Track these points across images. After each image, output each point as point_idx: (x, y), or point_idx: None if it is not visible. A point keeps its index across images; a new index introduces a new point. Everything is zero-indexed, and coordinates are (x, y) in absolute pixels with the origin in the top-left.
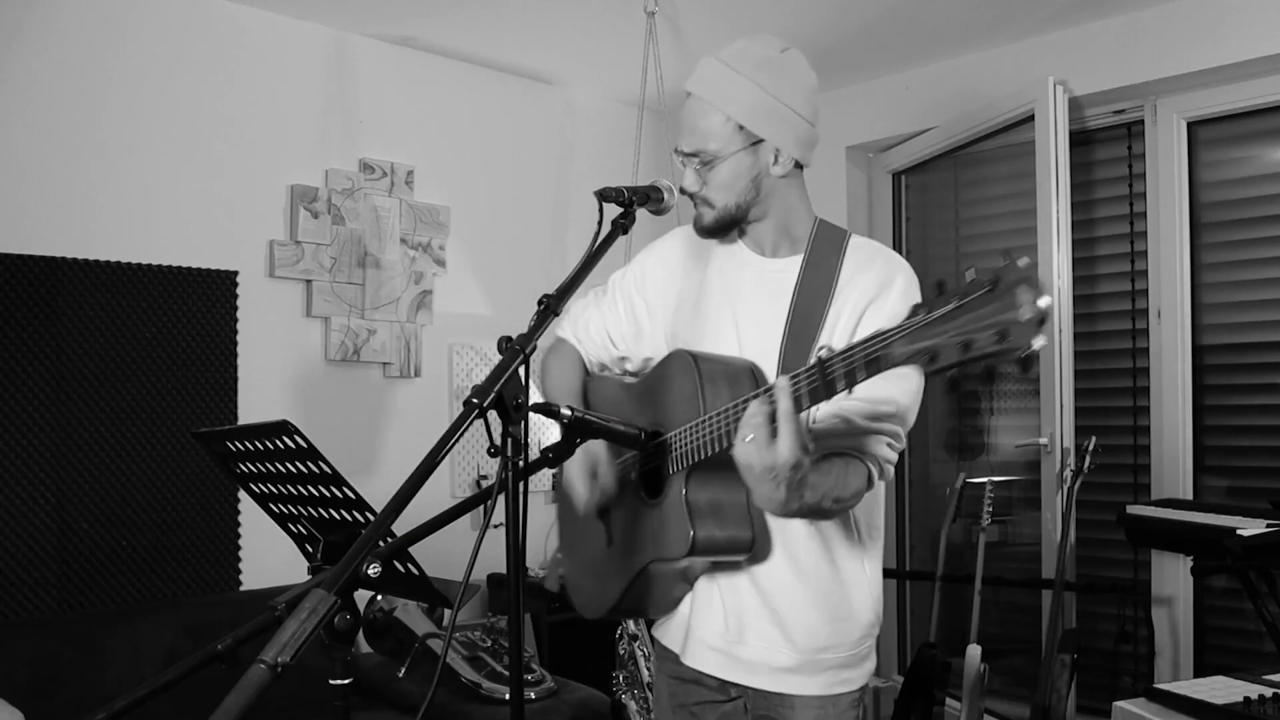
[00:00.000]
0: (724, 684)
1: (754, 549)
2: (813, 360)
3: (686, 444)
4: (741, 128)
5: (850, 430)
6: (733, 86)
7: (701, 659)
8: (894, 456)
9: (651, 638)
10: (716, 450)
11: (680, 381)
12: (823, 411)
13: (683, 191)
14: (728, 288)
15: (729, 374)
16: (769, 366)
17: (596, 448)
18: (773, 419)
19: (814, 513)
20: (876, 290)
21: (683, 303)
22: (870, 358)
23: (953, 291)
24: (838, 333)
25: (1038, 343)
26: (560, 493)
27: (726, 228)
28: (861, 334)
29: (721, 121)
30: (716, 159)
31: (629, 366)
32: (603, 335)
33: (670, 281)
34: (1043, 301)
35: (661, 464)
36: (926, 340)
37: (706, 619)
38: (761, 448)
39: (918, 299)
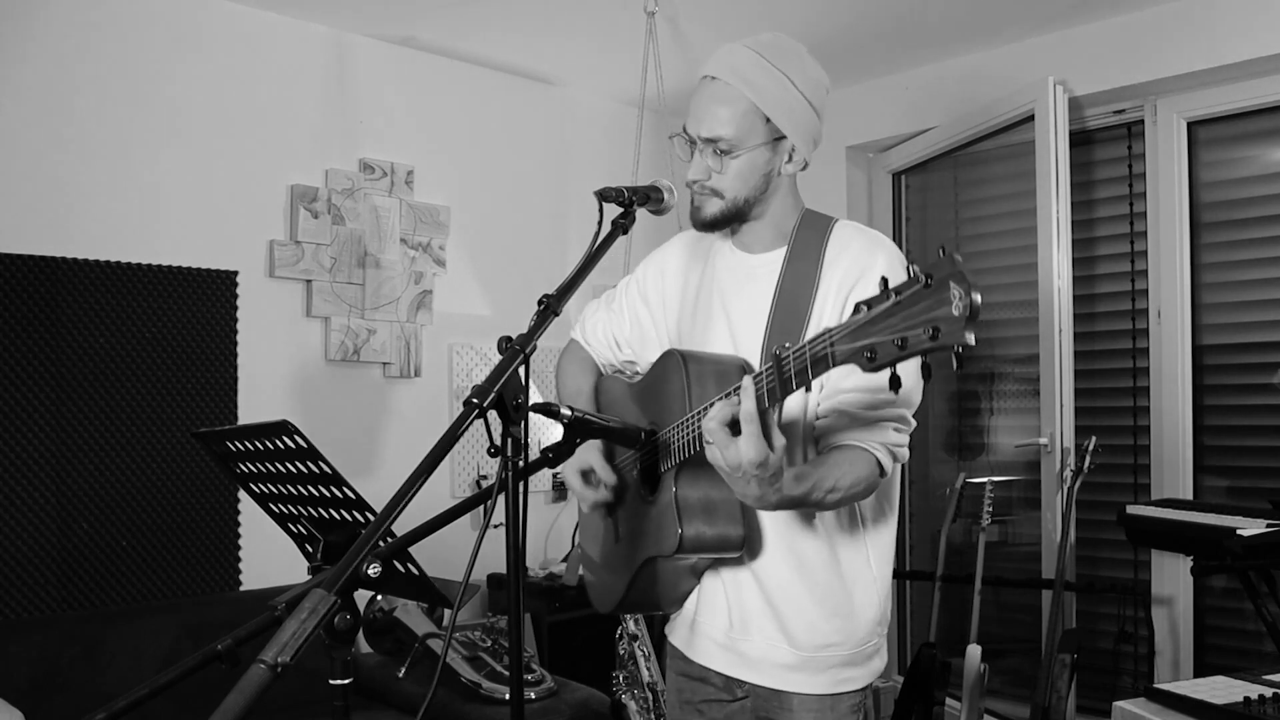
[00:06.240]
0: (729, 683)
1: (747, 546)
2: (769, 359)
3: (675, 442)
4: (768, 121)
5: (852, 423)
6: (766, 78)
7: (707, 654)
8: (903, 440)
9: (663, 635)
10: (698, 449)
11: (671, 380)
12: (823, 408)
13: (688, 185)
14: (720, 287)
15: (718, 372)
16: (757, 362)
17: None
18: (735, 418)
19: (808, 504)
20: (858, 274)
21: (684, 305)
22: (817, 356)
23: (892, 289)
24: (825, 321)
25: (969, 338)
26: None
27: (729, 221)
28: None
29: (748, 110)
30: (737, 149)
31: (637, 369)
32: (609, 338)
33: (670, 287)
34: (974, 296)
35: (657, 461)
36: (866, 338)
37: (712, 615)
38: (724, 447)
39: (903, 279)
